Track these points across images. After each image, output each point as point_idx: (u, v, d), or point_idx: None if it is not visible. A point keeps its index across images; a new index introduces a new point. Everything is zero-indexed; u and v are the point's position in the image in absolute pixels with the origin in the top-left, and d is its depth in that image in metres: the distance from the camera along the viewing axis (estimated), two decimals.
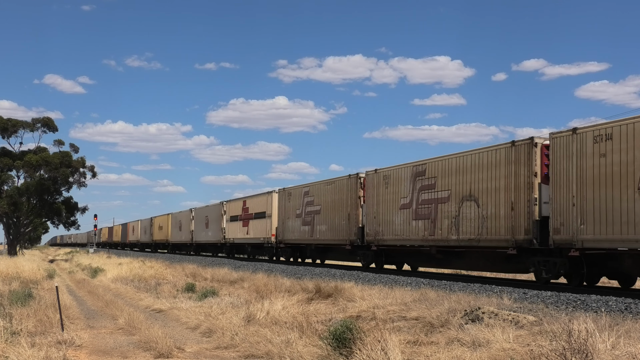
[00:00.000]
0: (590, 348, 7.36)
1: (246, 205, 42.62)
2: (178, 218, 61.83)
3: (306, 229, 32.71)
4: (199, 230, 53.87)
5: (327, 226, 30.33)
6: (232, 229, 45.11)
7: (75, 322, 13.98)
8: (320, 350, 9.13)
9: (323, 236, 30.98)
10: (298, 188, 34.64)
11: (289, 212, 35.02)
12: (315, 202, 31.79)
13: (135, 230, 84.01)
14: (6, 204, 55.25)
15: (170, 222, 64.63)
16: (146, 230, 76.80)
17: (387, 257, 27.22)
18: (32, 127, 57.98)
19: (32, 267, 29.54)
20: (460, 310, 11.65)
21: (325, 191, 30.92)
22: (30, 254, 63.32)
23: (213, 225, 49.63)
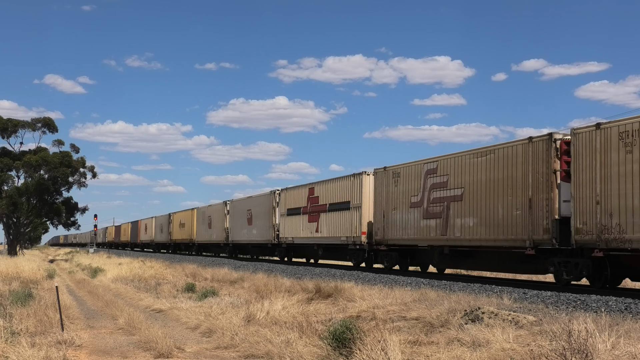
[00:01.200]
0: (590, 348, 7.36)
1: (314, 194, 32.60)
2: (207, 213, 52.33)
3: (432, 224, 23.12)
4: (238, 227, 44.51)
5: (477, 219, 20.94)
6: (291, 225, 35.11)
7: (75, 322, 13.98)
8: (320, 350, 9.13)
9: (469, 234, 21.35)
10: (412, 165, 24.77)
11: (395, 199, 25.36)
12: (452, 182, 22.22)
13: (149, 229, 74.98)
14: (6, 204, 55.25)
15: (196, 218, 55.26)
16: (162, 229, 67.75)
17: None
18: (32, 127, 58.00)
19: (32, 267, 29.54)
20: (460, 310, 11.65)
21: (475, 166, 21.24)
22: (30, 254, 63.34)
23: (259, 221, 40.17)
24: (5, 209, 55.61)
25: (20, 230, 61.24)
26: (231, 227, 46.23)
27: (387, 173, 26.13)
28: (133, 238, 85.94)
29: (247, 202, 43.65)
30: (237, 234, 44.91)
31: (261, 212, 39.98)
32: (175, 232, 62.53)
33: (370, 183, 27.56)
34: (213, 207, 51.18)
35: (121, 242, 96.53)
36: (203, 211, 53.68)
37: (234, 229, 45.64)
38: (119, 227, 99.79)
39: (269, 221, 38.29)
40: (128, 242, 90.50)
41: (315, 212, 32.16)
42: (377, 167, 26.77)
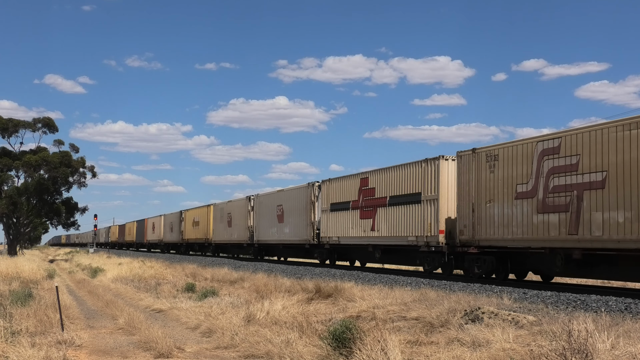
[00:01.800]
0: (590, 348, 7.36)
1: (369, 185, 27.22)
2: (226, 210, 46.84)
3: (552, 220, 17.88)
4: (266, 225, 38.97)
5: (630, 212, 15.62)
6: (336, 222, 29.74)
7: (75, 322, 13.98)
8: (320, 350, 9.13)
9: (616, 232, 16.05)
10: (518, 145, 19.57)
11: (491, 189, 20.23)
12: (586, 165, 17.01)
13: (157, 228, 69.24)
14: (6, 204, 55.26)
15: (213, 215, 49.84)
16: (173, 227, 61.90)
17: None
18: (32, 127, 58.03)
19: (32, 267, 29.55)
20: (460, 310, 11.65)
21: (624, 142, 16.00)
22: (30, 254, 63.34)
23: (294, 218, 34.82)
24: (5, 208, 55.62)
25: (20, 230, 61.25)
26: (257, 225, 40.36)
27: (477, 156, 20.90)
28: (139, 238, 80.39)
29: (277, 196, 37.56)
30: (264, 233, 39.21)
31: (295, 208, 34.38)
32: (187, 231, 56.77)
33: (450, 170, 22.43)
34: (234, 203, 45.65)
35: (126, 242, 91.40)
36: (221, 208, 47.92)
37: (260, 227, 39.93)
38: (123, 226, 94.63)
39: (306, 218, 32.81)
40: (133, 242, 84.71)
41: (370, 207, 26.80)
42: (462, 150, 21.83)
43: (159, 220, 68.87)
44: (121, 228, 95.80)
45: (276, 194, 38.08)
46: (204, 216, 51.80)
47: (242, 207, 43.53)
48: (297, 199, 34.37)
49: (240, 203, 44.24)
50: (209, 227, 50.46)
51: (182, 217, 58.78)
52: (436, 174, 22.72)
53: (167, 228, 65.27)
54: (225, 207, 47.31)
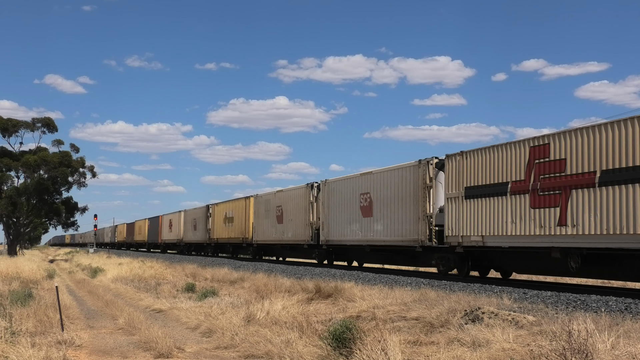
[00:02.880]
0: (590, 348, 7.36)
1: (551, 156, 17.69)
2: (274, 202, 37.47)
3: None
4: (341, 220, 29.08)
5: None
6: (473, 214, 20.54)
7: (75, 322, 13.99)
8: (320, 350, 9.13)
9: None
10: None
11: None
12: None
13: (175, 226, 60.63)
14: (5, 204, 55.28)
15: (253, 209, 40.74)
16: (197, 225, 53.29)
17: None
18: (32, 127, 58.06)
19: (32, 267, 29.56)
20: (460, 310, 11.65)
21: None
22: (30, 254, 63.36)
23: (388, 210, 25.10)
24: (5, 209, 55.63)
25: (20, 230, 61.26)
26: (326, 220, 30.71)
27: None
28: (152, 237, 71.71)
29: (361, 181, 27.68)
30: (338, 231, 29.44)
31: (393, 196, 24.80)
32: (217, 228, 47.72)
33: None
34: (288, 193, 36.10)
35: (135, 242, 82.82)
36: (267, 199, 38.72)
37: (331, 223, 30.21)
38: (132, 224, 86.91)
39: (414, 209, 23.34)
40: (145, 242, 76.03)
41: (552, 190, 17.54)
42: None
43: (177, 217, 60.00)
44: (130, 227, 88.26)
45: (359, 178, 28.05)
46: (240, 210, 42.75)
47: (300, 198, 33.91)
48: (397, 183, 24.90)
49: (298, 193, 34.47)
50: (248, 223, 41.16)
51: (209, 212, 49.96)
52: None
53: (188, 226, 56.44)
54: (273, 198, 37.69)
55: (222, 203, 47.93)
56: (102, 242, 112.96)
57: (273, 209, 37.49)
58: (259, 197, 40.19)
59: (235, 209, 44.11)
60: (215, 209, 48.54)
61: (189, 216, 56.58)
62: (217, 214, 48.17)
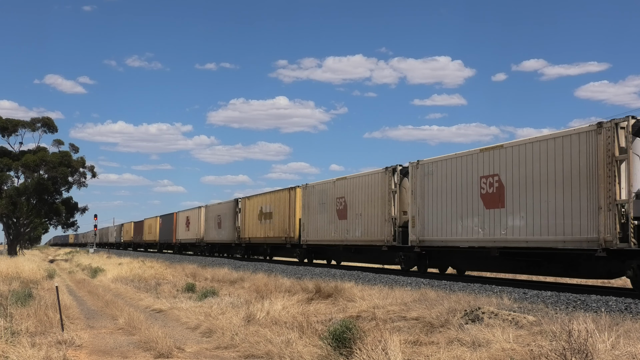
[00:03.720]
0: (590, 348, 7.36)
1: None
2: (333, 192, 29.52)
3: None
4: (447, 214, 21.61)
5: None
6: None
7: (75, 322, 13.98)
8: (320, 350, 9.13)
9: None
10: None
11: None
12: None
13: (194, 224, 53.90)
14: (5, 204, 55.29)
15: (301, 201, 33.25)
16: (222, 222, 46.19)
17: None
18: (32, 127, 58.08)
19: (32, 267, 29.55)
20: (460, 310, 11.65)
21: None
22: (31, 254, 63.35)
23: (529, 198, 18.21)
24: (5, 208, 55.64)
25: (20, 230, 61.26)
26: (418, 214, 22.91)
27: None
28: (164, 236, 65.52)
29: (483, 157, 20.05)
30: (443, 228, 21.71)
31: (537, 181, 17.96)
32: (250, 226, 40.62)
33: None
34: (357, 181, 27.63)
35: (145, 242, 76.68)
36: (323, 189, 30.75)
37: (427, 216, 22.39)
38: (140, 223, 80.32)
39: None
40: (156, 241, 70.04)
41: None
42: None
43: (196, 214, 53.40)
44: (138, 225, 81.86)
45: (481, 155, 20.15)
46: (282, 204, 35.63)
47: (375, 186, 25.74)
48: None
49: (372, 180, 26.09)
50: (293, 220, 34.17)
51: (238, 207, 43.06)
52: None
53: (211, 223, 49.52)
54: (332, 188, 29.85)
55: (255, 196, 40.55)
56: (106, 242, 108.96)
57: (331, 201, 29.64)
58: (310, 188, 32.23)
59: (274, 203, 36.68)
60: (247, 203, 41.35)
61: (212, 212, 49.31)
62: (249, 209, 41.05)
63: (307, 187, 32.68)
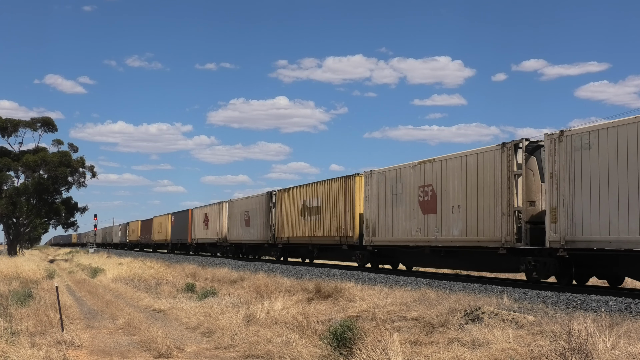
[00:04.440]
0: (590, 348, 7.36)
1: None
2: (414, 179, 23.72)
3: None
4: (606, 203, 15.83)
5: None
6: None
7: (75, 322, 13.98)
8: (320, 350, 9.13)
9: None
10: None
11: None
12: None
13: (214, 221, 47.92)
14: (5, 204, 55.30)
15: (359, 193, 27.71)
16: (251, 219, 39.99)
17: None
18: (32, 126, 58.13)
19: (32, 267, 29.57)
20: (460, 310, 11.65)
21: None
22: (30, 254, 63.35)
23: None
24: (5, 208, 55.65)
25: (20, 230, 61.26)
26: (564, 205, 17.05)
27: None
28: (178, 235, 59.57)
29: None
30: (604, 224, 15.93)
31: None
32: (288, 223, 34.42)
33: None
34: (457, 162, 21.45)
35: (154, 242, 70.66)
36: (396, 176, 24.72)
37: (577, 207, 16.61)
38: (149, 221, 74.07)
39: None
40: (167, 241, 64.03)
41: None
42: None
43: (217, 210, 47.31)
44: (146, 224, 75.96)
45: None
46: (336, 195, 29.18)
47: (488, 168, 19.92)
48: None
49: (480, 159, 20.32)
50: (351, 215, 27.78)
51: (272, 201, 37.05)
52: None
53: (236, 220, 43.40)
54: (412, 173, 23.71)
55: (296, 188, 34.21)
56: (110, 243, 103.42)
57: (411, 191, 23.69)
58: (376, 175, 26.00)
59: (323, 195, 30.41)
60: (284, 196, 35.09)
61: (238, 208, 43.16)
62: (287, 204, 34.72)
63: (373, 174, 26.10)
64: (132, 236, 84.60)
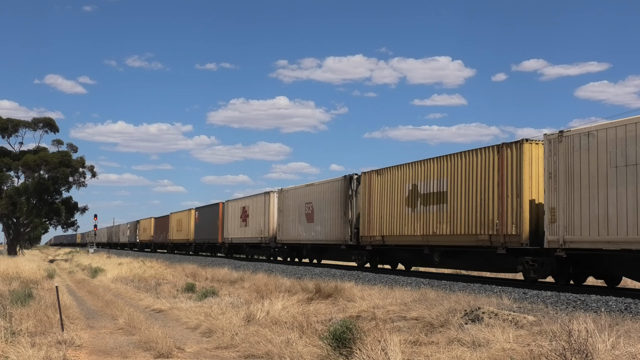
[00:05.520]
0: (590, 348, 7.35)
1: None
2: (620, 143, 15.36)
3: None
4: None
5: None
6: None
7: (75, 322, 13.98)
8: (320, 350, 9.13)
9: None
10: None
11: None
12: None
13: (256, 216, 39.59)
14: (5, 204, 55.30)
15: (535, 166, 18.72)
16: (315, 212, 31.57)
17: None
18: (32, 126, 58.16)
19: (32, 267, 29.56)
20: (460, 310, 11.64)
21: None
22: (30, 254, 63.35)
23: None
24: (5, 208, 55.65)
25: (20, 230, 61.26)
26: None
27: None
28: (203, 234, 50.78)
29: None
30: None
31: None
32: (382, 218, 25.95)
33: None
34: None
35: (171, 242, 62.21)
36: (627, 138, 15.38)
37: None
38: (164, 219, 65.56)
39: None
40: (189, 241, 55.45)
41: None
42: None
43: (262, 202, 38.77)
44: (161, 222, 67.22)
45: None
46: (475, 174, 20.96)
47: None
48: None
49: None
50: (515, 202, 19.15)
51: (352, 188, 28.58)
52: None
53: (290, 215, 34.50)
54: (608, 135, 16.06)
55: (395, 168, 25.43)
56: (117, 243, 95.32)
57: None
58: (570, 138, 17.14)
59: (454, 174, 21.84)
60: (376, 180, 26.60)
61: (294, 198, 34.47)
62: (381, 190, 26.22)
63: (564, 137, 17.20)
64: (143, 235, 76.19)
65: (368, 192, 27.07)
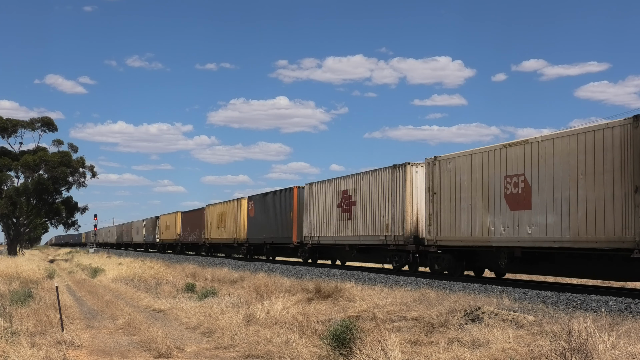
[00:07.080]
0: (590, 348, 7.35)
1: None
2: None
3: None
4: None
5: None
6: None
7: (75, 322, 13.98)
8: (320, 350, 9.13)
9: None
10: None
11: None
12: None
13: (366, 204, 27.00)
14: (5, 204, 55.28)
15: None
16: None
17: None
18: (31, 126, 58.11)
19: (32, 267, 29.54)
20: (460, 310, 11.64)
21: None
22: (31, 254, 63.34)
23: None
24: (5, 208, 55.63)
25: (20, 230, 61.25)
26: None
27: None
28: (263, 232, 38.59)
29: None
30: None
31: None
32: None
33: None
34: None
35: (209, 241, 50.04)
36: None
37: None
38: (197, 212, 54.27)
39: None
40: (237, 239, 43.48)
41: None
42: None
43: (386, 180, 25.90)
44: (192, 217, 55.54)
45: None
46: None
47: None
48: None
49: None
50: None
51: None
52: None
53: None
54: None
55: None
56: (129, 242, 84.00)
57: None
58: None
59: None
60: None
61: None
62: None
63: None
64: (165, 234, 64.09)
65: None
